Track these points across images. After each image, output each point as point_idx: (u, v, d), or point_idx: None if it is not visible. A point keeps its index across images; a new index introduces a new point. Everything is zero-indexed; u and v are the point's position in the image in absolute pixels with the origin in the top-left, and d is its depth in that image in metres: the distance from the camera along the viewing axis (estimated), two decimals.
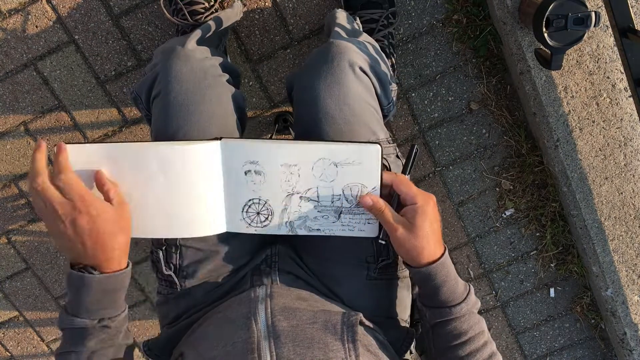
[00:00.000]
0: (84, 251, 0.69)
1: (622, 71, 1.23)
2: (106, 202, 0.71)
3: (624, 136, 1.30)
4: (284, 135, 1.45)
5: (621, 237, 1.42)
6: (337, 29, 1.00)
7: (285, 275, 0.85)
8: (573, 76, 1.24)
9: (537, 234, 1.60)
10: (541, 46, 1.13)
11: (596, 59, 1.23)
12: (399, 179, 0.75)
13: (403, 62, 1.39)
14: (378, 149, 0.73)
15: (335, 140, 0.80)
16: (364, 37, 0.97)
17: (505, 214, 1.57)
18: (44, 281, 1.63)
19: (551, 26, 1.07)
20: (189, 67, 0.84)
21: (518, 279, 1.67)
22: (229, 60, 1.34)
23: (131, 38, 1.35)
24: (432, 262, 0.73)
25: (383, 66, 0.91)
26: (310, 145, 0.74)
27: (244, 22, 1.34)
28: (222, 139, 0.76)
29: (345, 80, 0.82)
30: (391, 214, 0.74)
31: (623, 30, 1.01)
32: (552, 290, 1.68)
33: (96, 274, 0.69)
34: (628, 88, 1.22)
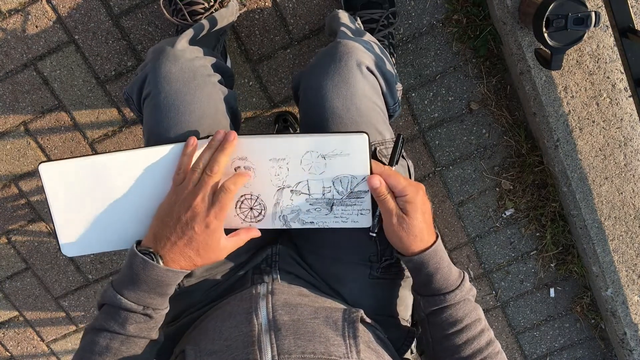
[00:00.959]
0: (176, 244, 0.70)
1: (622, 71, 1.23)
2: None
3: (624, 136, 1.30)
4: None
5: (621, 237, 1.42)
6: (343, 28, 1.00)
7: (286, 275, 0.85)
8: (573, 76, 1.24)
9: (537, 234, 1.60)
10: (541, 46, 1.13)
11: (596, 59, 1.23)
12: (387, 172, 0.75)
13: (403, 62, 1.39)
14: (365, 138, 0.73)
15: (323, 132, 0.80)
16: (368, 37, 0.97)
17: (505, 214, 1.57)
18: (44, 281, 1.63)
19: (551, 26, 1.07)
20: (178, 67, 0.83)
21: (518, 279, 1.67)
22: (229, 60, 1.34)
23: (131, 38, 1.35)
24: (424, 250, 0.74)
25: (389, 66, 0.90)
26: (296, 138, 0.74)
27: (244, 22, 1.35)
28: (209, 137, 0.76)
29: (353, 80, 0.82)
30: (393, 201, 0.74)
31: (623, 30, 1.01)
32: (552, 290, 1.68)
33: (161, 265, 0.70)
34: (628, 88, 1.22)
